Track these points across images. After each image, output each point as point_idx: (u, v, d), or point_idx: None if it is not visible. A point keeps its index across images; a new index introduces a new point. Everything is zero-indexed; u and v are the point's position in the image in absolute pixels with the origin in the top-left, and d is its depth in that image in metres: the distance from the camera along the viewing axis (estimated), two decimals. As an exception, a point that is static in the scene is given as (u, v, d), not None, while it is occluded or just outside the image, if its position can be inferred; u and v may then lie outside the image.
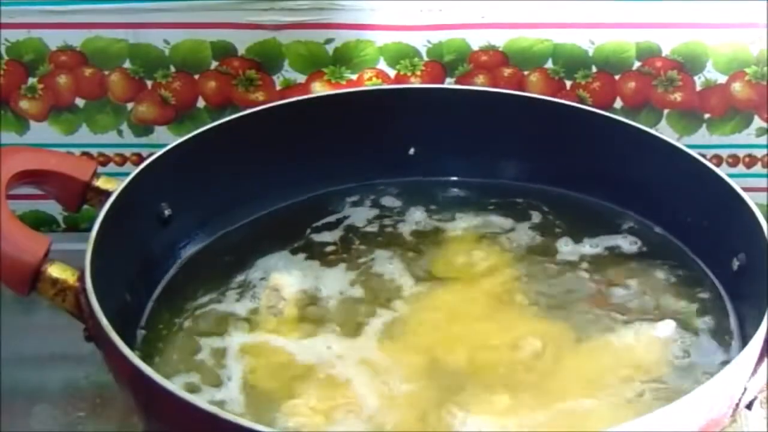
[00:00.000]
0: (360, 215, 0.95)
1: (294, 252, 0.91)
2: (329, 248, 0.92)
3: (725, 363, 0.78)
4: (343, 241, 0.93)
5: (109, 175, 0.87)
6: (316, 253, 0.91)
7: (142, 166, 0.88)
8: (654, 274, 0.89)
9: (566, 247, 0.91)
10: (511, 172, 0.97)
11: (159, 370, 0.78)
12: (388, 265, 0.90)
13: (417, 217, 0.95)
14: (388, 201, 0.97)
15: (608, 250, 0.91)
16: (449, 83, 1.04)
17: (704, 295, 0.87)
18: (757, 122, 1.04)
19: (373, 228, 0.94)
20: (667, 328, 0.83)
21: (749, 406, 0.78)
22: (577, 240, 0.92)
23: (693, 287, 0.87)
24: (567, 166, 0.96)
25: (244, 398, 0.79)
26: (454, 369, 0.80)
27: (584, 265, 0.90)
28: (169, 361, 0.82)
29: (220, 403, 0.78)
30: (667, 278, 0.88)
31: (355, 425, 0.76)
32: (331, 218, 0.95)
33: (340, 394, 0.78)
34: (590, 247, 0.91)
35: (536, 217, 0.94)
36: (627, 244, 0.92)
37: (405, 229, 0.94)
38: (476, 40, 1.02)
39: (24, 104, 1.05)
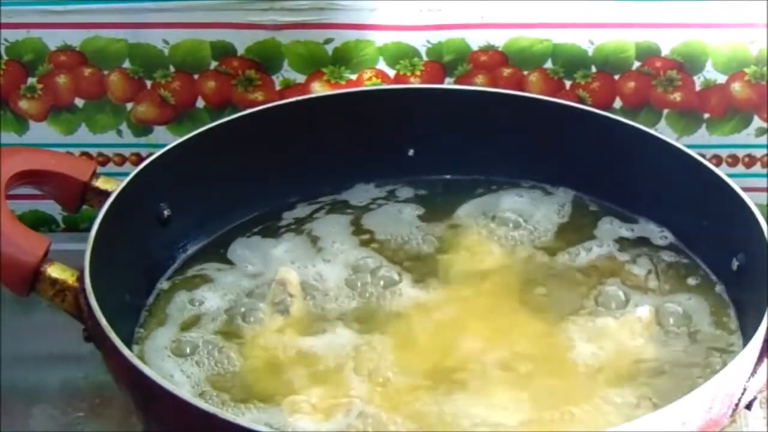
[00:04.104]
0: (358, 200, 0.96)
1: (250, 236, 0.93)
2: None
3: (724, 363, 0.78)
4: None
5: (109, 175, 0.87)
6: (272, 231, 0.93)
7: (141, 166, 0.88)
8: (653, 273, 0.89)
9: (563, 251, 0.91)
10: (510, 172, 0.97)
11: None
12: (391, 269, 0.90)
13: (416, 216, 0.95)
14: (387, 199, 0.97)
15: (606, 250, 0.91)
16: (449, 83, 1.04)
17: (703, 295, 0.87)
18: (757, 122, 1.04)
19: (369, 229, 0.94)
20: (643, 311, 0.84)
21: (749, 406, 0.78)
22: (575, 242, 0.92)
23: (692, 287, 0.87)
24: (566, 165, 0.96)
25: (245, 395, 0.79)
26: (456, 369, 0.81)
27: (580, 266, 0.90)
28: (169, 360, 0.82)
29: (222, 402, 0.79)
30: (666, 278, 0.88)
31: (354, 424, 0.76)
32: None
33: (342, 393, 0.78)
34: (586, 251, 0.91)
35: (535, 216, 0.94)
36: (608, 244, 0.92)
37: (403, 229, 0.94)
38: (476, 40, 1.02)
39: (23, 104, 1.05)
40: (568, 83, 1.04)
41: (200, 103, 1.05)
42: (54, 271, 0.79)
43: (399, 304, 0.86)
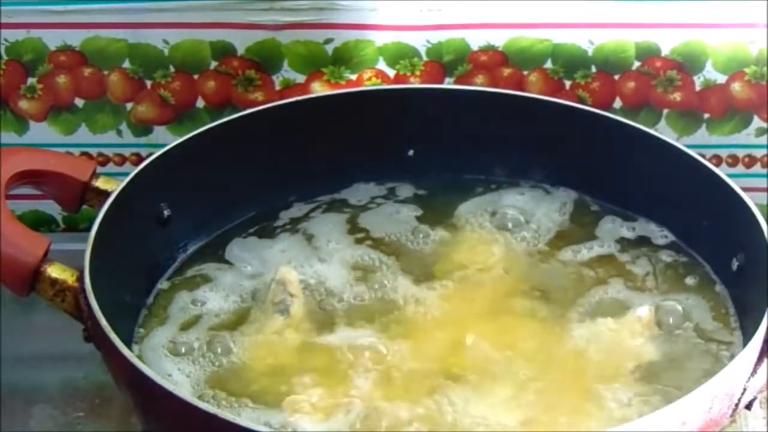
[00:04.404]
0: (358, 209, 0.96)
1: (247, 236, 0.93)
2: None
3: (724, 363, 0.78)
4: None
5: (109, 175, 0.87)
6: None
7: (141, 166, 0.88)
8: (652, 273, 0.89)
9: (563, 251, 0.91)
10: (510, 172, 0.97)
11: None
12: (390, 268, 0.90)
13: (414, 216, 0.95)
14: (386, 199, 0.97)
15: (607, 249, 0.91)
16: (449, 83, 1.04)
17: (703, 295, 0.87)
18: (757, 122, 1.04)
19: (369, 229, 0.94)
20: (643, 310, 0.84)
21: (749, 406, 0.78)
22: (576, 241, 0.92)
23: (692, 287, 0.87)
24: (566, 165, 0.96)
25: (245, 394, 0.79)
26: (456, 368, 0.80)
27: (580, 263, 0.90)
28: (167, 360, 0.82)
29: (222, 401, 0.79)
30: (666, 278, 0.88)
31: (354, 424, 0.76)
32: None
33: (342, 392, 0.78)
34: (587, 250, 0.91)
35: (536, 215, 0.94)
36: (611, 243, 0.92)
37: (401, 228, 0.94)
38: (476, 40, 1.02)
39: (23, 104, 1.05)
40: (568, 83, 1.04)
41: (200, 103, 1.05)
42: (54, 271, 0.79)
43: (399, 304, 0.86)
